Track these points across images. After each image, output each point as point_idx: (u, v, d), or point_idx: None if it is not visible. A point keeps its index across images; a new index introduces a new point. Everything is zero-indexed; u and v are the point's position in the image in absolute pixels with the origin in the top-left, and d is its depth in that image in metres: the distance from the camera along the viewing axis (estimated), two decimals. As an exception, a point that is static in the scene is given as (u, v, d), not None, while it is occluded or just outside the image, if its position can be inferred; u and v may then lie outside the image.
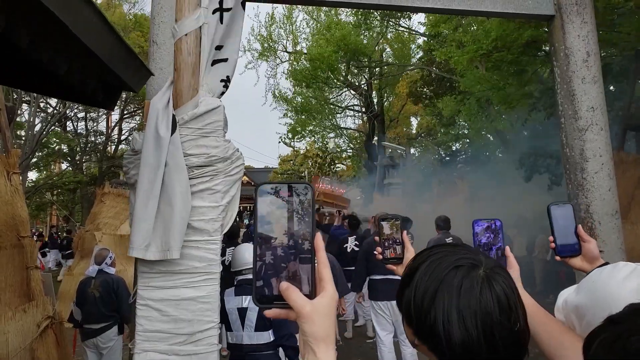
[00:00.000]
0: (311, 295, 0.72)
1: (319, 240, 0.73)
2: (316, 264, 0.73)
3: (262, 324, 3.36)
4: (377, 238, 1.40)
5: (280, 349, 3.48)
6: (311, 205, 0.73)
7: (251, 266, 3.37)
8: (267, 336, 3.39)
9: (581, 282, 1.17)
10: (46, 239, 17.58)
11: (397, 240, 1.38)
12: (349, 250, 7.61)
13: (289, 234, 0.73)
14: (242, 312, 3.38)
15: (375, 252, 1.43)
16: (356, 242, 7.64)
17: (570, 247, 1.41)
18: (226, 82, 2.29)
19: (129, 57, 3.09)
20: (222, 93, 2.30)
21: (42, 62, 2.89)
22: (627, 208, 6.11)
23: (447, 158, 22.72)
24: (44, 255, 15.69)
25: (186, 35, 2.12)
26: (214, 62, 2.24)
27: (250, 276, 3.56)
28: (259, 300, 0.73)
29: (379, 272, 5.50)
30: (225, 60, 2.22)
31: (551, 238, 1.42)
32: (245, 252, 3.62)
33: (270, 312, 0.74)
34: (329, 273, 0.74)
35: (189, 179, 2.07)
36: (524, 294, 1.23)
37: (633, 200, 6.45)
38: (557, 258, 1.43)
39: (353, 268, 7.43)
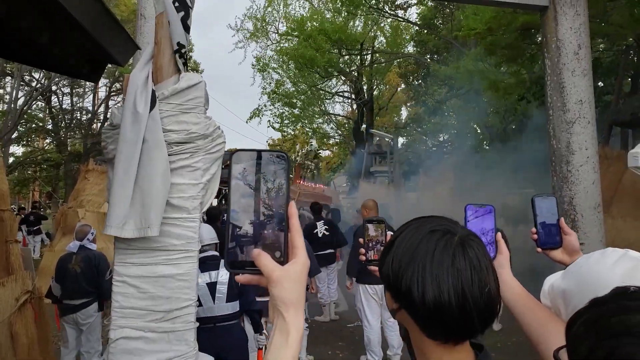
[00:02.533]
0: (283, 261, 0.73)
1: (292, 208, 0.74)
2: (289, 231, 0.74)
3: (232, 294, 3.61)
4: (361, 240, 1.40)
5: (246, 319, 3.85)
6: (285, 173, 0.74)
7: (208, 243, 3.47)
8: (236, 305, 3.66)
9: (568, 267, 1.17)
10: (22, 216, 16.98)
11: (382, 242, 1.38)
12: (319, 235, 7.82)
13: (263, 201, 0.73)
14: (212, 286, 3.58)
15: (359, 253, 1.42)
16: (326, 227, 7.95)
17: (552, 240, 1.42)
18: (179, 50, 2.10)
19: (114, 29, 3.01)
20: (184, 65, 2.16)
21: (22, 29, 2.80)
22: (609, 202, 6.18)
23: (434, 148, 22.80)
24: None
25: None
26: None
27: (211, 253, 3.79)
28: (231, 266, 0.74)
29: None
30: (168, 23, 2.06)
31: (533, 230, 1.42)
32: (203, 231, 3.73)
33: (242, 278, 0.75)
34: (302, 240, 0.75)
35: (169, 155, 2.02)
36: (513, 281, 1.25)
37: (615, 195, 6.54)
38: (538, 250, 1.43)
39: (326, 252, 7.66)
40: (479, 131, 17.09)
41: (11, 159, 22.02)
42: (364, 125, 22.80)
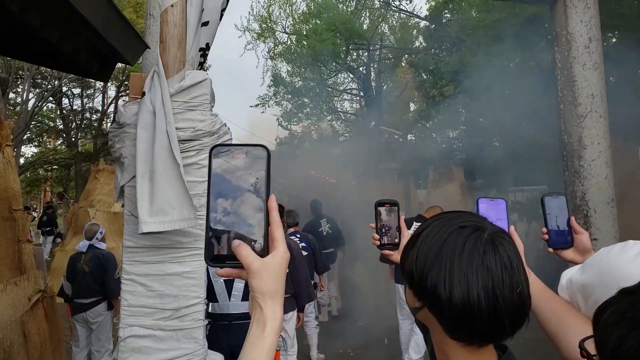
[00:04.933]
0: (264, 254, 0.73)
1: (273, 202, 0.74)
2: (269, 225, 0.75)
3: (249, 293, 3.48)
4: (372, 225, 1.37)
5: None
6: (266, 166, 0.74)
7: None
8: None
9: (587, 260, 1.14)
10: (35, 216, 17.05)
11: (395, 226, 1.35)
12: (324, 233, 7.75)
13: (243, 195, 0.73)
14: (229, 283, 3.55)
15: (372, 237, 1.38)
16: (329, 225, 7.87)
17: (563, 239, 1.39)
18: (205, 50, 2.20)
19: (123, 28, 3.01)
20: (201, 64, 2.22)
21: (34, 29, 2.82)
22: (621, 198, 6.10)
23: (444, 145, 22.62)
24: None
25: (172, 5, 2.06)
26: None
27: None
28: (211, 260, 0.74)
29: None
30: (206, 23, 2.13)
31: (544, 229, 1.40)
32: None
33: (222, 272, 0.75)
34: (282, 233, 0.75)
35: (175, 152, 2.03)
36: (529, 273, 1.22)
37: (628, 190, 6.44)
38: (550, 250, 1.41)
39: (328, 250, 7.58)
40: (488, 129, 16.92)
41: (22, 160, 22.27)
42: (372, 122, 22.70)
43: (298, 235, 5.72)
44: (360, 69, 22.31)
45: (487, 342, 0.82)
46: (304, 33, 19.76)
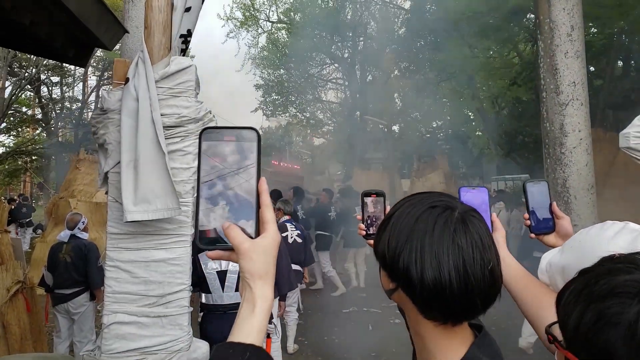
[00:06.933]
0: (254, 235, 0.74)
1: (263, 184, 0.75)
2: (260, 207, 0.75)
3: None
4: (359, 216, 1.36)
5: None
6: (256, 149, 0.74)
7: None
8: None
9: (566, 242, 1.15)
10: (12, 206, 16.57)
11: (381, 217, 1.34)
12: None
13: (234, 177, 0.74)
14: (222, 274, 3.56)
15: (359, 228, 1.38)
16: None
17: (545, 224, 1.41)
18: (186, 37, 2.18)
19: (100, 11, 2.94)
20: (182, 51, 2.19)
21: (4, 10, 2.74)
22: (601, 185, 6.22)
23: (428, 135, 22.79)
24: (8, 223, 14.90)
25: (157, -10, 2.03)
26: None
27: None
28: (202, 242, 0.74)
29: None
30: (189, 9, 2.10)
31: (526, 215, 1.41)
32: None
33: (213, 254, 0.75)
34: (272, 215, 0.76)
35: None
36: (510, 258, 1.23)
37: (607, 178, 6.57)
38: (532, 235, 1.42)
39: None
40: (472, 117, 17.07)
41: (1, 150, 21.81)
42: (357, 112, 22.73)
43: (293, 223, 5.80)
44: (345, 58, 22.29)
45: (460, 320, 0.83)
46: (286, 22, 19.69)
